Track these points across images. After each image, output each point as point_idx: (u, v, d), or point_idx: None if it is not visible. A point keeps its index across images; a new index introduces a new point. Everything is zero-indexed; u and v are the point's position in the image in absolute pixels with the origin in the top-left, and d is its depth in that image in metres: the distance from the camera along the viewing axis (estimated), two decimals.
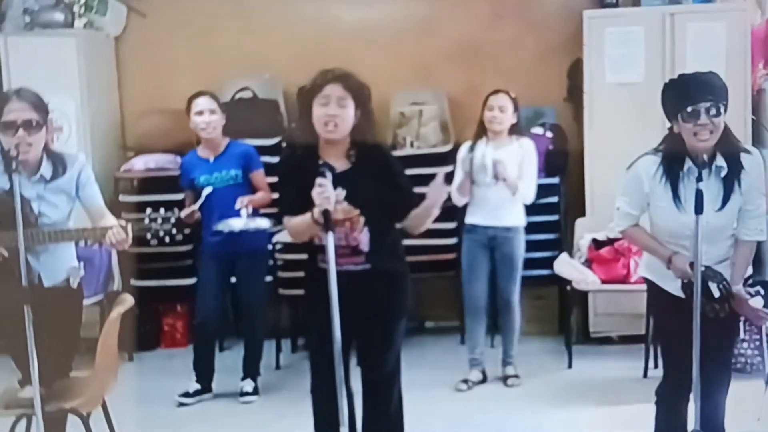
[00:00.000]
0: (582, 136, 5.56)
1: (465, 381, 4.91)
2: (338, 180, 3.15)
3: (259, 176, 4.87)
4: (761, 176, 3.23)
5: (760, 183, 3.23)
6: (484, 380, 4.97)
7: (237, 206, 4.62)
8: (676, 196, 3.12)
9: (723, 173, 3.11)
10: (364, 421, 3.41)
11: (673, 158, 3.13)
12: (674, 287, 3.21)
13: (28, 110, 3.32)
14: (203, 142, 4.86)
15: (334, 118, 3.16)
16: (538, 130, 5.64)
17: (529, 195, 4.83)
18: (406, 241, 3.47)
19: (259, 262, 4.98)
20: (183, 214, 4.57)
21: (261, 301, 4.97)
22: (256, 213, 4.73)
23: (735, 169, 3.11)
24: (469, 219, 4.88)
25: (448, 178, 4.76)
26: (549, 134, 5.64)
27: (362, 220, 3.21)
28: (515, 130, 4.89)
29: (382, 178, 3.26)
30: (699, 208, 2.97)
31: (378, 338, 3.35)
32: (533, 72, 5.86)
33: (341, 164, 3.23)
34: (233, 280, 4.98)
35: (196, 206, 4.61)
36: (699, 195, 2.95)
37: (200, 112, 4.76)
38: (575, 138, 5.70)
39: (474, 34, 5.96)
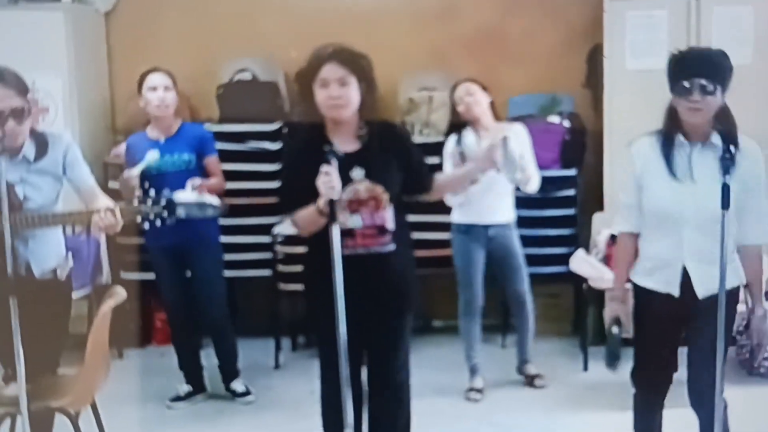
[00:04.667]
0: (601, 125, 5.38)
1: (476, 390, 4.70)
2: (353, 160, 3.05)
3: (213, 162, 4.61)
4: (763, 170, 3.12)
5: (762, 178, 3.11)
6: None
7: (187, 184, 4.29)
8: (669, 165, 3.11)
9: (718, 151, 3.01)
10: (370, 422, 3.24)
11: (667, 132, 3.16)
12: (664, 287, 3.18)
13: (14, 97, 3.16)
14: (153, 121, 4.58)
15: (338, 99, 3.03)
16: (554, 118, 5.44)
17: (537, 183, 4.59)
18: None
19: (212, 252, 4.68)
20: (125, 174, 4.37)
21: (221, 295, 4.69)
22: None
23: (730, 148, 3.00)
24: (462, 218, 4.63)
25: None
26: (566, 123, 5.44)
27: (386, 196, 3.07)
28: (497, 115, 4.70)
29: (397, 156, 3.14)
30: (726, 203, 2.85)
31: (396, 327, 3.20)
32: (550, 58, 5.71)
33: (353, 144, 3.10)
34: (188, 274, 4.67)
35: (136, 171, 4.33)
36: (725, 189, 2.85)
37: (154, 88, 4.50)
38: (594, 127, 5.53)
39: (490, 19, 5.80)
